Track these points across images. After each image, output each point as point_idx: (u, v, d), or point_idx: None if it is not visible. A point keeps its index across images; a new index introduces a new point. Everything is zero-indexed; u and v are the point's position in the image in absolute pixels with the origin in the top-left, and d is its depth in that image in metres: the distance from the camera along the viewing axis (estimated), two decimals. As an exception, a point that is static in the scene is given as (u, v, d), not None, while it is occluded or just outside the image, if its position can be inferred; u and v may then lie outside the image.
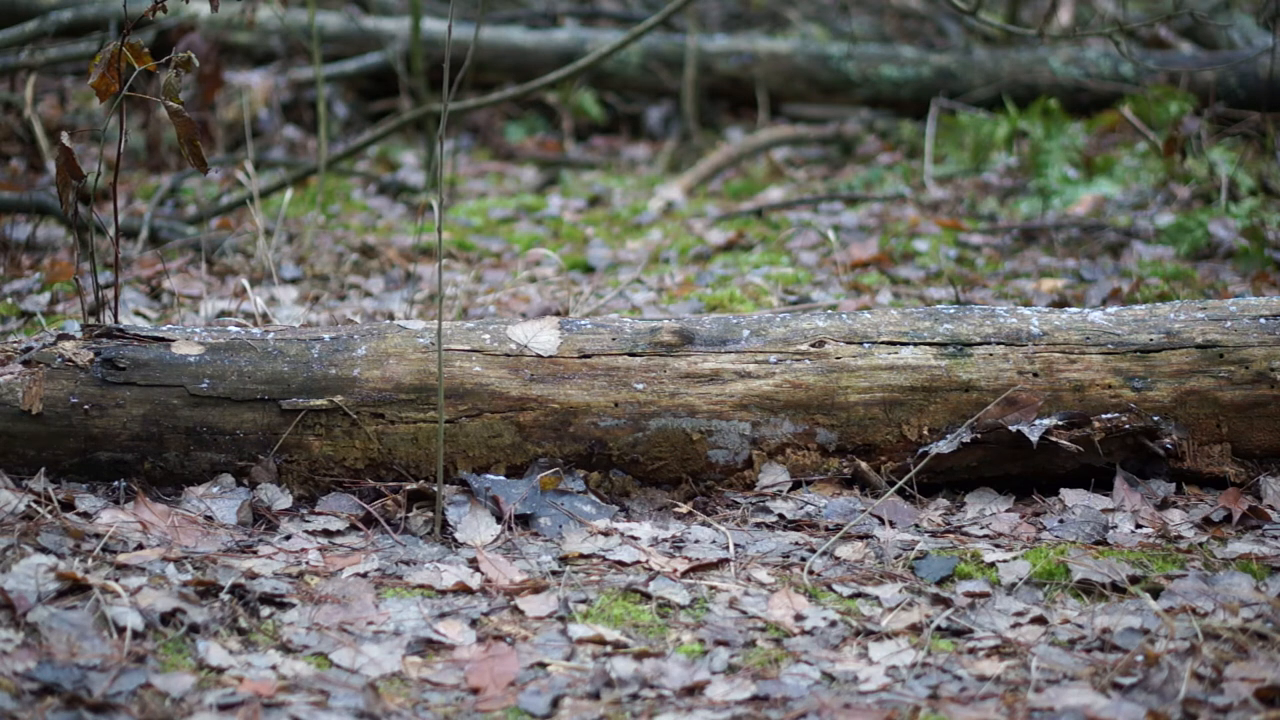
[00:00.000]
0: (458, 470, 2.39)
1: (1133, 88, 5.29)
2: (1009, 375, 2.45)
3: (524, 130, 5.94)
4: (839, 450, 2.45)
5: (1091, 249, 4.04)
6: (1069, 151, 4.68)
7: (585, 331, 2.46)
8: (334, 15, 5.92)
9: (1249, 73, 5.23)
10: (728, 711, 1.80)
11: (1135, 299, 3.50)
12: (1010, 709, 1.80)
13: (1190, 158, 4.34)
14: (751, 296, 3.57)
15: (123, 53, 2.51)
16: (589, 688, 1.85)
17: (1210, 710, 1.79)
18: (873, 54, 5.71)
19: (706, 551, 2.24)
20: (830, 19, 7.07)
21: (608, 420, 2.41)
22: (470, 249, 4.16)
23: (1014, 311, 2.53)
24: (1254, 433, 2.48)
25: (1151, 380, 2.46)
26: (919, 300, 3.60)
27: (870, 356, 2.45)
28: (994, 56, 5.64)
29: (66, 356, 2.35)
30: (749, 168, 5.31)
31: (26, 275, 3.58)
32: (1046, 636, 2.00)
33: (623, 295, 3.60)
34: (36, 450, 2.33)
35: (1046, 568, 2.17)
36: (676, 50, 5.75)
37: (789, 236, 4.19)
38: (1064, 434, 2.42)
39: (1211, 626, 1.98)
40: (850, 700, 1.83)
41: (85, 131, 4.81)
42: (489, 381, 2.40)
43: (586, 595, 2.09)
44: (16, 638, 1.85)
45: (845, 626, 2.03)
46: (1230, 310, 2.53)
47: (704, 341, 2.45)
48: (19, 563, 2.00)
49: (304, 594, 2.07)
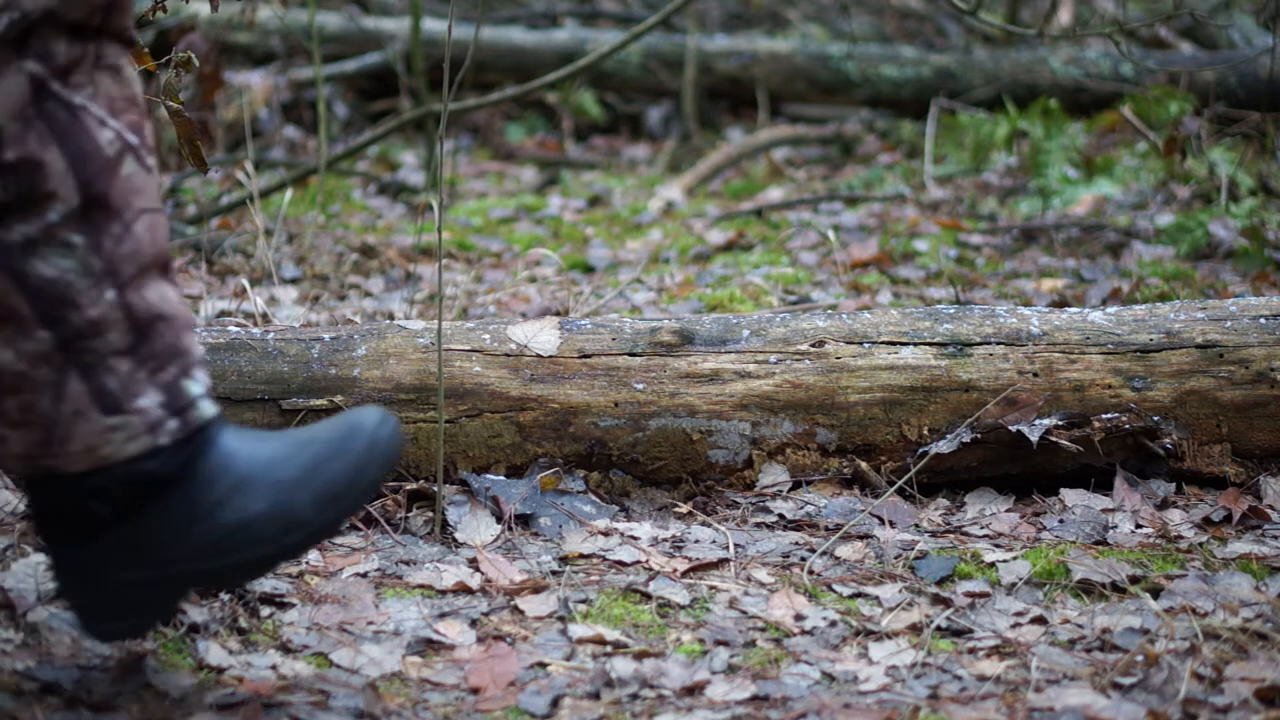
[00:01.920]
0: (458, 470, 2.39)
1: (1133, 88, 5.29)
2: (1009, 375, 2.45)
3: (524, 130, 5.94)
4: (839, 450, 2.45)
5: (1091, 249, 4.05)
6: (1069, 151, 4.68)
7: (585, 331, 2.46)
8: (334, 15, 5.93)
9: (1249, 73, 5.24)
10: (728, 711, 1.80)
11: (1135, 299, 3.50)
12: (1010, 709, 1.80)
13: (1190, 158, 4.35)
14: (751, 296, 3.57)
15: (123, 53, 2.50)
16: (589, 688, 1.85)
17: (1210, 710, 1.79)
18: (873, 54, 5.71)
19: (706, 551, 2.24)
20: (830, 19, 7.08)
21: (608, 420, 2.41)
22: (470, 249, 4.16)
23: (1014, 311, 2.53)
24: (1254, 433, 2.48)
25: (1151, 380, 2.46)
26: (919, 300, 3.60)
27: (870, 356, 2.45)
28: (994, 56, 5.64)
29: (66, 356, 2.35)
30: (749, 168, 5.31)
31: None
32: (1046, 636, 2.00)
33: (623, 295, 3.60)
34: (36, 450, 2.33)
35: (1046, 568, 2.17)
36: (676, 50, 5.75)
37: (789, 236, 4.19)
38: (1064, 434, 2.42)
39: (1211, 626, 1.98)
40: (850, 700, 1.83)
41: (85, 131, 4.80)
42: (489, 381, 2.40)
43: (586, 595, 2.09)
44: (16, 637, 1.85)
45: (845, 626, 2.03)
46: (1230, 310, 2.53)
47: (704, 341, 2.45)
48: (18, 562, 2.00)
49: (304, 594, 2.07)
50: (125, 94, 1.67)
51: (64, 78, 1.62)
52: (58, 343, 1.65)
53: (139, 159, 1.68)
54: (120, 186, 1.65)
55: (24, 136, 1.61)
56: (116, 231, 1.65)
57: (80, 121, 1.63)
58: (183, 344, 1.72)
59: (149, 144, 1.69)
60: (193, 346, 1.73)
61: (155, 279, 1.70)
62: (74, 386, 1.66)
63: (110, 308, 1.66)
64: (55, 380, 1.66)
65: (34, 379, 1.66)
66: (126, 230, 1.66)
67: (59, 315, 1.65)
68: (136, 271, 1.67)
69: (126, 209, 1.66)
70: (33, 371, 1.66)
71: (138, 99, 1.68)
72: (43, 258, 1.63)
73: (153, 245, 1.69)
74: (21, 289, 1.63)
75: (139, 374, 1.68)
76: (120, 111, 1.66)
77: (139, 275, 1.68)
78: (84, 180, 1.63)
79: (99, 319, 1.66)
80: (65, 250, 1.64)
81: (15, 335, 1.65)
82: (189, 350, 1.72)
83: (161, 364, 1.70)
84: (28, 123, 1.61)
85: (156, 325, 1.69)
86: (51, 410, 1.67)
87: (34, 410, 1.67)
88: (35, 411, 1.67)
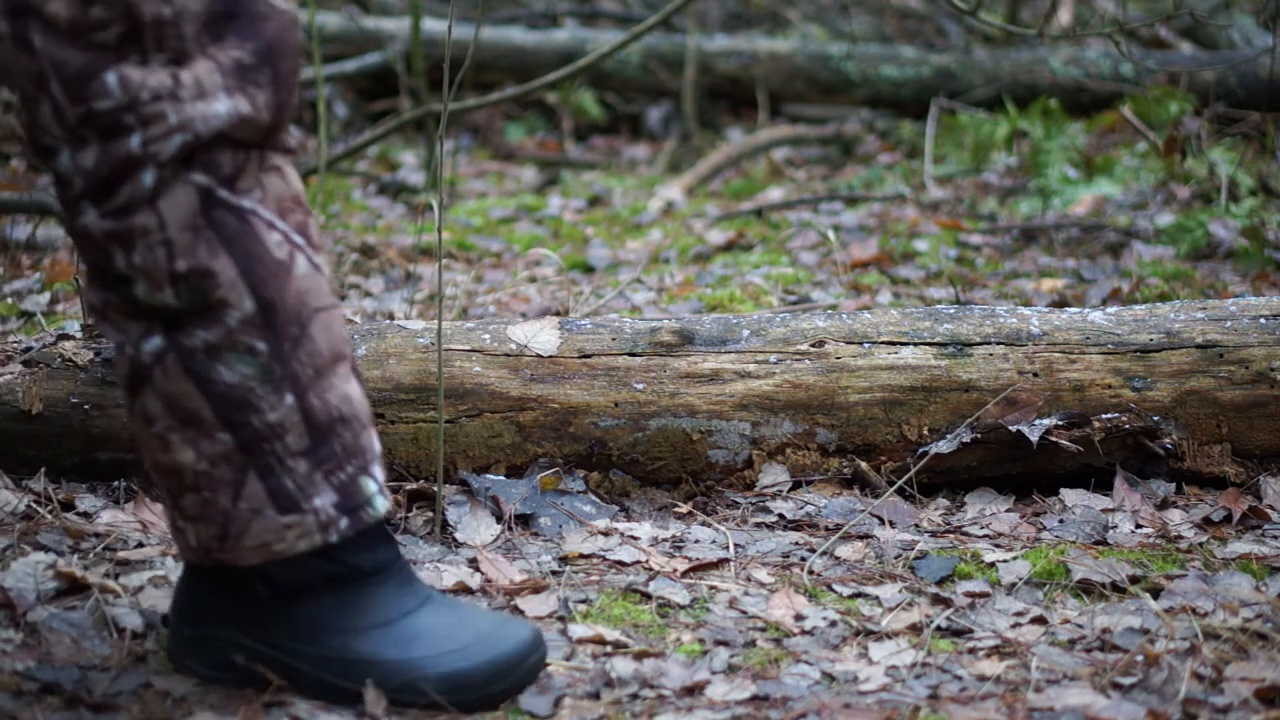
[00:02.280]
0: (458, 470, 2.39)
1: (1133, 88, 5.29)
2: (1009, 375, 2.45)
3: (524, 130, 5.94)
4: (839, 450, 2.45)
5: (1091, 249, 4.04)
6: (1069, 151, 4.68)
7: (585, 331, 2.46)
8: (334, 15, 5.93)
9: (1249, 73, 5.23)
10: (728, 711, 1.80)
11: (1135, 299, 3.50)
12: (1010, 709, 1.80)
13: (1190, 158, 4.35)
14: (751, 296, 3.57)
15: (123, 53, 2.50)
16: (589, 687, 1.85)
17: (1210, 710, 1.79)
18: (873, 54, 5.71)
19: (706, 551, 2.24)
20: (830, 19, 7.08)
21: (608, 420, 2.41)
22: (470, 249, 4.16)
23: (1014, 311, 2.53)
24: (1254, 433, 2.48)
25: (1151, 380, 2.46)
26: (919, 300, 3.60)
27: (870, 356, 2.45)
28: (994, 56, 5.63)
29: (66, 356, 2.35)
30: (749, 168, 5.31)
31: (26, 275, 3.58)
32: (1046, 636, 2.00)
33: (623, 295, 3.60)
34: (36, 450, 2.33)
35: (1046, 568, 2.17)
36: (676, 50, 5.75)
37: (789, 236, 4.19)
38: (1064, 434, 2.42)
39: (1211, 626, 1.98)
40: (850, 700, 1.83)
41: (85, 131, 4.80)
42: (489, 381, 2.40)
43: (586, 595, 2.09)
44: (16, 637, 1.85)
45: (845, 626, 2.03)
46: (1230, 310, 2.53)
47: (704, 341, 2.45)
48: (19, 562, 2.00)
49: (304, 594, 2.07)
50: (291, 194, 1.72)
51: (231, 185, 1.67)
52: (238, 444, 1.71)
53: (308, 258, 1.72)
54: (293, 289, 1.70)
55: (194, 247, 1.66)
56: (294, 334, 1.70)
57: (250, 226, 1.68)
58: (361, 443, 1.77)
59: (316, 242, 1.74)
60: (371, 444, 1.78)
61: (335, 378, 1.75)
62: (252, 486, 1.72)
63: (290, 411, 1.71)
64: (235, 480, 1.72)
65: (214, 478, 1.72)
66: (303, 332, 1.71)
67: (240, 419, 1.70)
68: (315, 374, 1.72)
69: (302, 310, 1.71)
70: (213, 471, 1.72)
71: (302, 198, 1.73)
72: (225, 363, 1.69)
73: (330, 344, 1.74)
74: (204, 393, 1.69)
75: (315, 474, 1.74)
76: (287, 212, 1.71)
77: (317, 377, 1.73)
78: (256, 286, 1.68)
79: (278, 423, 1.71)
80: (247, 356, 1.69)
81: (198, 436, 1.71)
82: (367, 449, 1.78)
83: (339, 464, 1.75)
84: (197, 232, 1.66)
85: (335, 427, 1.74)
86: (229, 508, 1.73)
87: (212, 507, 1.73)
88: (213, 508, 1.73)
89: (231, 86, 1.65)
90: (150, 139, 1.63)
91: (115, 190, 1.65)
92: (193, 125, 1.63)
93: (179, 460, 1.72)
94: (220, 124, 1.64)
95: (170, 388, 1.70)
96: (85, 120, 1.63)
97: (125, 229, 1.65)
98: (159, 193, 1.64)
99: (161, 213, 1.65)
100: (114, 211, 1.65)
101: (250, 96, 1.66)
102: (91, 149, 1.64)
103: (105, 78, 1.61)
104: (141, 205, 1.65)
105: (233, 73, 1.65)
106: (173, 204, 1.65)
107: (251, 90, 1.66)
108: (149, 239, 1.65)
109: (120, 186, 1.64)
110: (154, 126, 1.63)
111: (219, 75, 1.64)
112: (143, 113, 1.62)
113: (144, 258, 1.66)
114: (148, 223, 1.65)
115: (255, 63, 1.66)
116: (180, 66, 1.63)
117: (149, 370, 1.70)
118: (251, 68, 1.66)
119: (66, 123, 1.63)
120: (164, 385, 1.70)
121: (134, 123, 1.62)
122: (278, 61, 1.68)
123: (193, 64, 1.63)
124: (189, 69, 1.63)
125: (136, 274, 1.67)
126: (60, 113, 1.63)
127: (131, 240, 1.65)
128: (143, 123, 1.62)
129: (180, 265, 1.66)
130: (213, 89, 1.64)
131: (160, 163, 1.63)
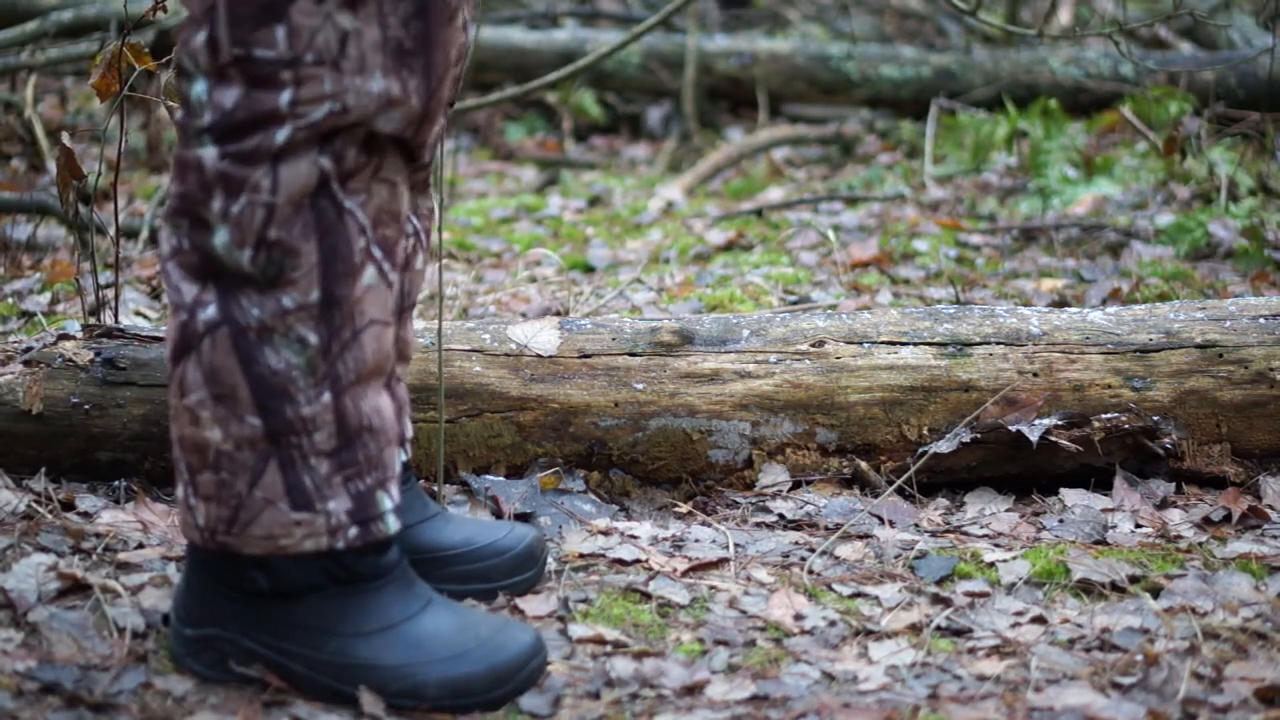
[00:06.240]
0: (458, 470, 2.39)
1: (1133, 88, 5.29)
2: (1009, 375, 2.45)
3: (524, 130, 5.94)
4: (839, 450, 2.45)
5: (1091, 249, 4.05)
6: (1069, 151, 4.68)
7: (585, 331, 2.46)
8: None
9: (1249, 73, 5.23)
10: (727, 711, 1.80)
11: (1135, 299, 3.50)
12: (1010, 708, 1.81)
13: (1190, 158, 4.35)
14: (751, 296, 3.57)
15: (123, 53, 2.51)
16: (589, 687, 1.85)
17: (1210, 710, 1.79)
18: (873, 54, 5.71)
19: (706, 551, 2.24)
20: (830, 19, 7.08)
21: (608, 420, 2.41)
22: (470, 249, 4.16)
23: (1014, 311, 2.53)
24: (1254, 433, 2.48)
25: (1151, 380, 2.46)
26: (919, 300, 3.60)
27: (870, 356, 2.46)
28: (994, 56, 5.64)
29: (67, 356, 2.35)
30: (749, 168, 5.31)
31: (27, 275, 3.58)
32: (1046, 636, 2.00)
33: (623, 295, 3.60)
34: (36, 450, 2.33)
35: (1046, 567, 2.17)
36: (676, 50, 5.75)
37: (789, 236, 4.19)
38: (1064, 434, 2.42)
39: (1211, 626, 1.98)
40: (850, 700, 1.83)
41: (86, 132, 4.81)
42: (489, 381, 2.40)
43: (586, 595, 2.09)
44: (17, 637, 1.85)
45: (845, 626, 2.03)
46: (1230, 310, 2.53)
47: (704, 341, 2.45)
48: (19, 562, 2.00)
49: (304, 594, 2.07)
50: (392, 209, 1.73)
51: (344, 182, 1.69)
52: (267, 431, 1.72)
53: (381, 272, 1.73)
54: (358, 294, 1.72)
55: (291, 221, 1.67)
56: (346, 337, 1.72)
57: (343, 224, 1.69)
58: (385, 458, 1.78)
59: (396, 260, 1.75)
60: (393, 462, 1.79)
61: (372, 390, 1.76)
62: (271, 476, 1.73)
63: (324, 409, 1.72)
64: (255, 466, 1.73)
65: (236, 461, 1.73)
66: (355, 338, 1.72)
67: (274, 406, 1.71)
68: (356, 379, 1.73)
69: (360, 316, 1.72)
70: (237, 453, 1.72)
71: (401, 216, 1.75)
72: (274, 347, 1.70)
73: (376, 356, 1.75)
74: (247, 373, 1.70)
75: (335, 478, 1.75)
76: (381, 224, 1.72)
77: (357, 383, 1.74)
78: (327, 280, 1.69)
79: (311, 417, 1.72)
80: (297, 345, 1.70)
81: (229, 416, 1.71)
82: (388, 465, 1.78)
83: (360, 472, 1.76)
84: (299, 209, 1.67)
85: (363, 435, 1.75)
86: (244, 493, 1.73)
87: (228, 489, 1.74)
88: (229, 491, 1.74)
89: (389, 67, 1.66)
90: (300, 99, 1.64)
91: (245, 137, 1.65)
92: (344, 97, 1.64)
93: (205, 437, 1.73)
94: (370, 103, 1.65)
95: (215, 360, 1.70)
96: (237, 62, 1.63)
97: (239, 176, 1.65)
98: (284, 156, 1.65)
99: (279, 176, 1.65)
100: (236, 155, 1.65)
101: (403, 80, 1.67)
102: (234, 90, 1.64)
103: (275, 29, 1.62)
104: (264, 160, 1.65)
105: (393, 53, 1.66)
106: (292, 172, 1.65)
107: (405, 74, 1.67)
108: (256, 196, 1.65)
109: (252, 134, 1.65)
110: (307, 89, 1.63)
111: (380, 54, 1.65)
112: (301, 73, 1.63)
113: (243, 211, 1.66)
114: (262, 180, 1.65)
115: (414, 48, 1.67)
116: (354, 11, 1.63)
117: (199, 339, 1.70)
118: (410, 53, 1.67)
119: (219, 58, 1.63)
120: (210, 357, 1.70)
121: (289, 80, 1.63)
122: (432, 52, 1.69)
123: (365, 6, 1.64)
124: (359, 16, 1.63)
125: (228, 223, 1.67)
126: (215, 45, 1.63)
127: (240, 189, 1.66)
128: (297, 83, 1.63)
129: (272, 233, 1.66)
130: (372, 66, 1.65)
131: (299, 125, 1.64)
